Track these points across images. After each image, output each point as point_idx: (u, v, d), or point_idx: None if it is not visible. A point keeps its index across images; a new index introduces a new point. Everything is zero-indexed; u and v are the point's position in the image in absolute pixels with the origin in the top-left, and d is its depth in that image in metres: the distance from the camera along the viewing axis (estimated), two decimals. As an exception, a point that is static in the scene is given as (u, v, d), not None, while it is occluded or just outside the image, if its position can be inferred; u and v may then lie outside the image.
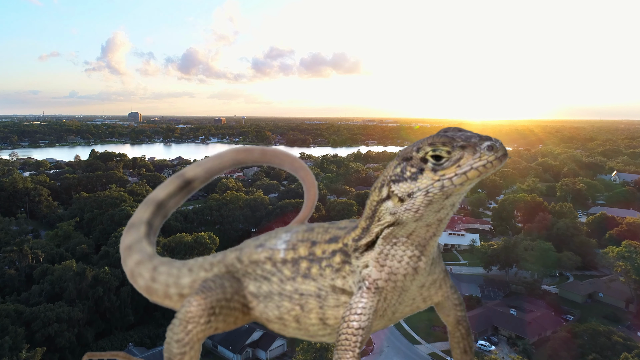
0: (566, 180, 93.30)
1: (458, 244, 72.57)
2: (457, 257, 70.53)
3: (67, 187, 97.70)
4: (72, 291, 44.13)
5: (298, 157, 2.31)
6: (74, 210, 76.56)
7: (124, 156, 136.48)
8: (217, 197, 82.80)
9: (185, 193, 2.29)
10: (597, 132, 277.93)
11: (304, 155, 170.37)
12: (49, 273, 47.10)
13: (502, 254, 58.05)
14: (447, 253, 71.35)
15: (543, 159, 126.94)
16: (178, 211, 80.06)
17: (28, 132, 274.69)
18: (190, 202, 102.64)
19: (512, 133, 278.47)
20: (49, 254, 54.80)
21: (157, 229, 2.23)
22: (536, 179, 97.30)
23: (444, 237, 72.09)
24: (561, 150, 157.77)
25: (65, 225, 65.74)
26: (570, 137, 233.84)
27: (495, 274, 61.66)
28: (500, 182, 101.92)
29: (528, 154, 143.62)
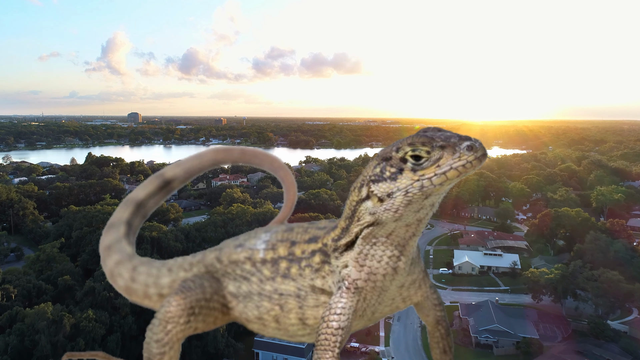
0: (602, 190, 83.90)
1: (495, 265, 63.09)
2: (495, 281, 61.05)
3: (57, 197, 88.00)
4: (45, 346, 34.50)
5: (277, 156, 2.28)
6: (61, 227, 66.92)
7: (121, 161, 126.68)
8: (221, 210, 73.21)
9: (165, 193, 2.25)
10: (603, 133, 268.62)
11: (310, 158, 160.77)
12: (19, 319, 37.48)
13: (559, 284, 48.65)
14: (484, 277, 61.86)
15: (565, 165, 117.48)
16: (178, 229, 70.47)
17: (25, 133, 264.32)
18: (191, 214, 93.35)
19: (517, 134, 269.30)
20: (25, 287, 45.16)
21: (136, 229, 2.19)
22: (568, 188, 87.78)
23: (478, 258, 62.63)
24: (577, 154, 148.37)
25: (48, 247, 56.08)
26: (580, 138, 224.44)
27: (547, 305, 52.33)
28: (527, 190, 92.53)
29: (546, 158, 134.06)
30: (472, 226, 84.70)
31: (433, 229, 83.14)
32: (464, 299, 56.10)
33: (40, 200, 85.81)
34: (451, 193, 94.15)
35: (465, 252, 64.74)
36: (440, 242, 76.17)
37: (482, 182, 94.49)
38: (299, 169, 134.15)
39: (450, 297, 57.18)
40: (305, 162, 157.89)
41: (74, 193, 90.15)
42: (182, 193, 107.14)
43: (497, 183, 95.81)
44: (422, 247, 73.80)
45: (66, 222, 67.07)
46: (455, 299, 56.54)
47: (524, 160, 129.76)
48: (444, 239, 77.42)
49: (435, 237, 78.43)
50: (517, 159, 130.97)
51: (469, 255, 63.38)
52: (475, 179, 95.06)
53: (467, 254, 63.85)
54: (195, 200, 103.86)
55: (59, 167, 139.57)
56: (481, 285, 59.51)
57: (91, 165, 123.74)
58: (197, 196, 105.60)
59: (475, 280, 60.74)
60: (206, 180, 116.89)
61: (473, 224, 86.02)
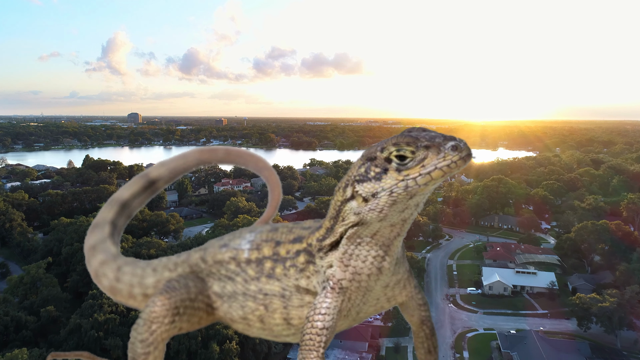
0: (632, 197, 77.33)
1: (530, 285, 56.44)
2: (531, 303, 54.37)
3: (49, 206, 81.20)
4: (16, 407, 27.76)
5: (262, 156, 2.26)
6: (50, 242, 60.23)
7: (118, 165, 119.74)
8: (226, 222, 66.51)
9: (150, 193, 2.23)
10: (608, 134, 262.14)
11: (314, 161, 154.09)
12: (-13, 368, 30.75)
13: (615, 314, 42.10)
14: (518, 298, 55.19)
15: (584, 169, 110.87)
16: (179, 244, 63.72)
17: (23, 134, 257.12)
18: (193, 223, 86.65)
19: (522, 135, 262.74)
20: (2, 321, 38.45)
21: (121, 229, 2.18)
22: (597, 196, 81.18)
23: (510, 277, 55.98)
24: (590, 156, 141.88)
25: (33, 268, 49.31)
26: (588, 140, 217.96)
27: (597, 334, 45.80)
28: (549, 197, 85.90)
29: (561, 161, 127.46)
30: (494, 236, 78.08)
31: (452, 240, 76.57)
32: (499, 326, 49.54)
33: (31, 209, 79.03)
34: (470, 200, 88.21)
35: (495, 270, 58.08)
36: (463, 255, 69.51)
37: (501, 189, 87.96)
38: (304, 173, 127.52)
39: (483, 323, 50.64)
40: (310, 164, 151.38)
41: (67, 201, 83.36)
42: (182, 200, 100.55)
43: (517, 189, 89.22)
44: (444, 261, 67.20)
45: (56, 237, 60.37)
46: (489, 325, 50.02)
47: (539, 163, 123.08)
48: (467, 251, 70.76)
49: (456, 250, 71.80)
50: (530, 163, 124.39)
51: (499, 273, 56.75)
52: (494, 185, 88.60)
53: (497, 272, 57.21)
54: (196, 207, 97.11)
55: (55, 170, 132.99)
56: (516, 308, 52.91)
57: (88, 169, 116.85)
58: (198, 203, 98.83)
59: (508, 302, 54.12)
60: (208, 186, 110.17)
61: (494, 234, 79.38)
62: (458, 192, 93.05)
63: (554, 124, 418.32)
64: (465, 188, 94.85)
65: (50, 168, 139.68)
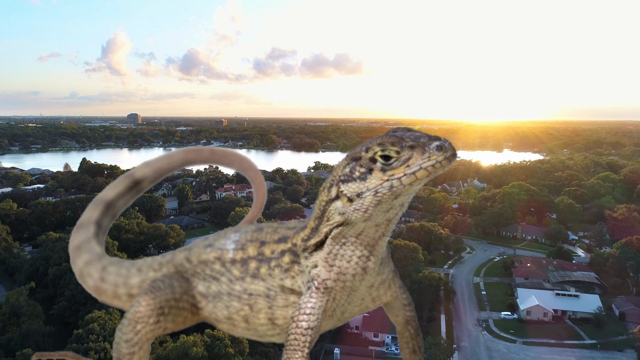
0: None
1: (572, 310, 49.99)
2: (576, 332, 47.84)
3: (39, 216, 74.59)
4: None
5: (247, 156, 2.24)
6: (37, 261, 53.64)
7: (116, 169, 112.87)
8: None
9: (134, 193, 2.22)
10: (613, 134, 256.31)
11: (319, 164, 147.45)
12: None
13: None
14: (560, 325, 48.71)
15: (604, 174, 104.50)
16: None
17: (20, 135, 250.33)
18: (195, 234, 80.00)
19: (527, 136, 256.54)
20: (-32, 368, 31.93)
21: (106, 229, 2.17)
22: (631, 205, 74.78)
23: (549, 299, 49.57)
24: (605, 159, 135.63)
25: (14, 295, 42.81)
26: (595, 141, 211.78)
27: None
28: (576, 205, 79.46)
29: (576, 165, 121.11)
30: (519, 248, 71.68)
31: (474, 252, 70.15)
32: (544, 359, 43.19)
33: (20, 220, 72.49)
34: (492, 209, 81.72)
35: (531, 292, 51.61)
36: (489, 271, 63.08)
37: (523, 196, 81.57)
38: (308, 177, 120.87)
39: (525, 355, 44.23)
40: (315, 168, 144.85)
41: (59, 210, 76.79)
42: (183, 207, 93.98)
43: (540, 197, 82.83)
44: (469, 278, 60.78)
45: (42, 255, 53.81)
46: (532, 358, 43.61)
47: (554, 167, 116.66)
48: (493, 267, 64.32)
49: (481, 265, 65.36)
50: (546, 166, 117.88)
51: (537, 296, 50.33)
52: (516, 192, 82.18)
53: (534, 294, 50.78)
54: (198, 215, 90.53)
55: (50, 174, 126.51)
56: (560, 338, 46.45)
57: (83, 174, 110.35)
58: (200, 210, 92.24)
59: (549, 329, 47.67)
60: (210, 192, 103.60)
61: (518, 246, 72.96)
62: (475, 200, 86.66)
63: (555, 125, 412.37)
64: (483, 195, 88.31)
65: (45, 172, 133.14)
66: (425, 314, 49.15)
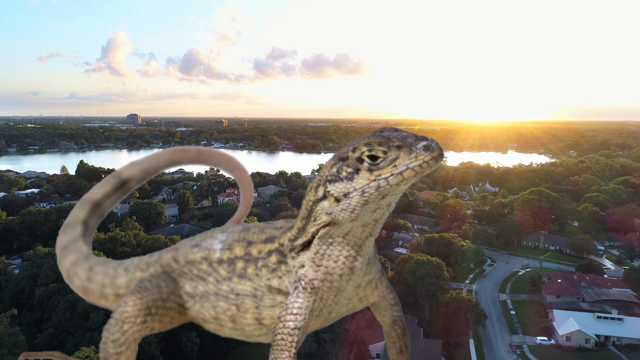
0: None
1: (616, 335, 44.72)
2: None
3: (30, 226, 69.10)
4: None
5: (234, 156, 2.23)
6: (22, 280, 48.14)
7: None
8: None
9: (122, 193, 2.22)
10: (617, 135, 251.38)
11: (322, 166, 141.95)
12: None
13: None
14: (604, 352, 43.44)
15: (622, 178, 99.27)
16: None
17: (18, 136, 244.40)
18: (196, 245, 74.70)
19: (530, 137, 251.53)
20: None
21: (93, 229, 2.17)
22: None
23: (590, 323, 44.26)
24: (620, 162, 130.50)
25: (-8, 323, 37.32)
26: (602, 142, 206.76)
27: None
28: (600, 213, 74.19)
29: (592, 168, 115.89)
30: (544, 260, 66.41)
31: (496, 265, 64.88)
32: (592, 395, 37.92)
33: (8, 231, 67.05)
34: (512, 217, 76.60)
35: (569, 314, 46.36)
36: (515, 287, 57.80)
37: (544, 204, 76.28)
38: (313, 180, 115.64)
39: (569, 390, 38.92)
40: (318, 170, 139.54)
41: (51, 219, 71.10)
42: (183, 214, 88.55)
43: (561, 204, 77.59)
44: (494, 295, 55.49)
45: (29, 273, 48.33)
46: (577, 394, 38.30)
47: (568, 171, 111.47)
48: (518, 281, 59.05)
49: (505, 279, 60.09)
50: (560, 170, 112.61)
51: (576, 319, 45.10)
52: (536, 199, 76.85)
53: (573, 317, 45.55)
54: (199, 222, 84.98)
55: (46, 177, 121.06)
56: (604, 367, 41.24)
57: (80, 178, 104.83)
58: (201, 217, 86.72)
59: (593, 358, 42.45)
60: (211, 197, 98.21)
61: (542, 258, 67.73)
62: (492, 207, 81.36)
63: (556, 125, 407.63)
64: (500, 201, 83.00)
65: (41, 175, 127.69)
66: (452, 339, 43.96)
